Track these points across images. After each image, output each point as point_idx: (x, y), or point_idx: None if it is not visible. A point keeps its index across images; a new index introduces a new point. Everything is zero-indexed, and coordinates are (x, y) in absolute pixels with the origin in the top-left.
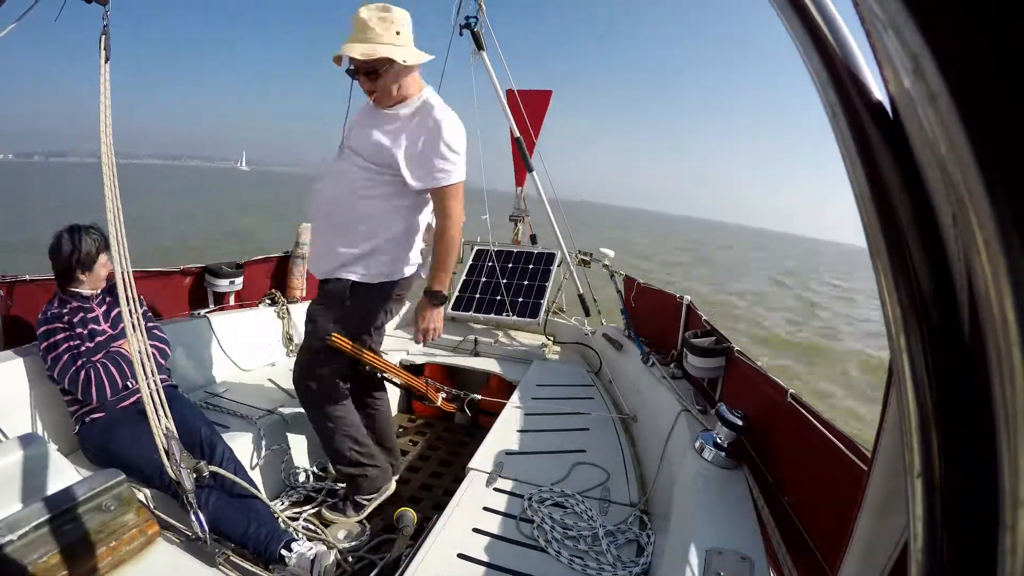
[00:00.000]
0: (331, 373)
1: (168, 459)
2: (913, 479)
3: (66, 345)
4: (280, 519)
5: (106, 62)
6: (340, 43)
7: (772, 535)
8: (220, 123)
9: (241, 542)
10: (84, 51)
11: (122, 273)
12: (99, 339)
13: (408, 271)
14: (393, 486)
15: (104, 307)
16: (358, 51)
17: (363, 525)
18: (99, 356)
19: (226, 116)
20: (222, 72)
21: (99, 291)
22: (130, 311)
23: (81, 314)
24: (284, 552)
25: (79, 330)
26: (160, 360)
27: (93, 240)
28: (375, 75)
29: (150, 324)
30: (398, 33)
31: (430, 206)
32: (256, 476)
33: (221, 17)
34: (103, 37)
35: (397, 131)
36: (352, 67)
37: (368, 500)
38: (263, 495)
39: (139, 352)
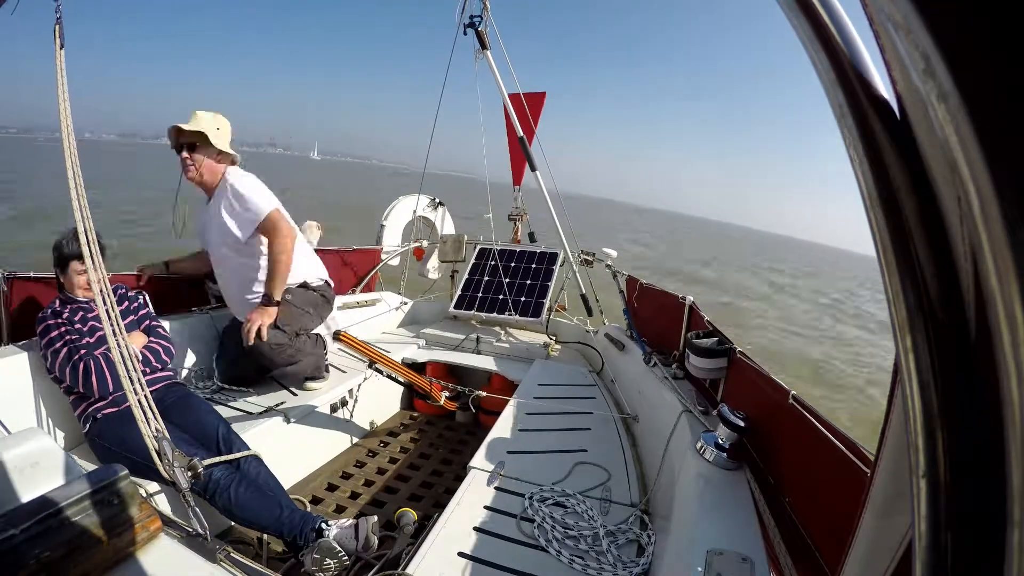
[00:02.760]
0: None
1: (160, 460)
2: (918, 479)
3: (65, 339)
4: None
5: (60, 48)
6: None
7: (773, 536)
8: (298, 113)
9: (276, 528)
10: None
11: (95, 270)
12: (100, 334)
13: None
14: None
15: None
16: (186, 125)
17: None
18: (100, 350)
19: (303, 107)
20: (295, 65)
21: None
22: (107, 311)
23: (81, 313)
24: (323, 526)
25: (78, 326)
26: (165, 358)
27: (66, 247)
28: (193, 148)
29: (153, 323)
30: (218, 128)
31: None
32: None
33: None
34: (57, 26)
35: (220, 213)
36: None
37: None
38: (283, 487)
39: (123, 356)
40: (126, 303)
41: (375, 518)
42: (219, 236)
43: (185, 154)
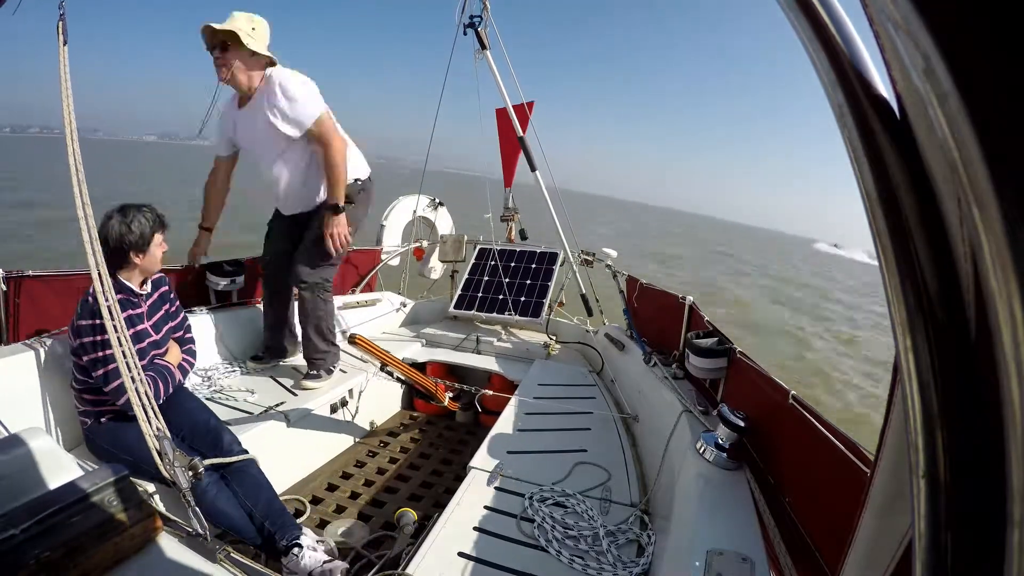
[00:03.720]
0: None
1: (161, 459)
2: (918, 478)
3: (109, 347)
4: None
5: (64, 45)
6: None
7: (773, 536)
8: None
9: (244, 534)
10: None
11: (96, 267)
12: (141, 345)
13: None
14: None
15: (148, 305)
16: (218, 24)
17: (363, 525)
18: (143, 362)
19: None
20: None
21: (147, 289)
22: (109, 309)
23: (128, 309)
24: (292, 546)
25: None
26: (186, 368)
27: (147, 219)
28: (225, 48)
29: (187, 335)
30: (253, 28)
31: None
32: None
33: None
34: (60, 23)
35: (265, 113)
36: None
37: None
38: (271, 485)
39: (123, 356)
40: (167, 305)
41: (342, 571)
42: (265, 137)
43: (217, 53)
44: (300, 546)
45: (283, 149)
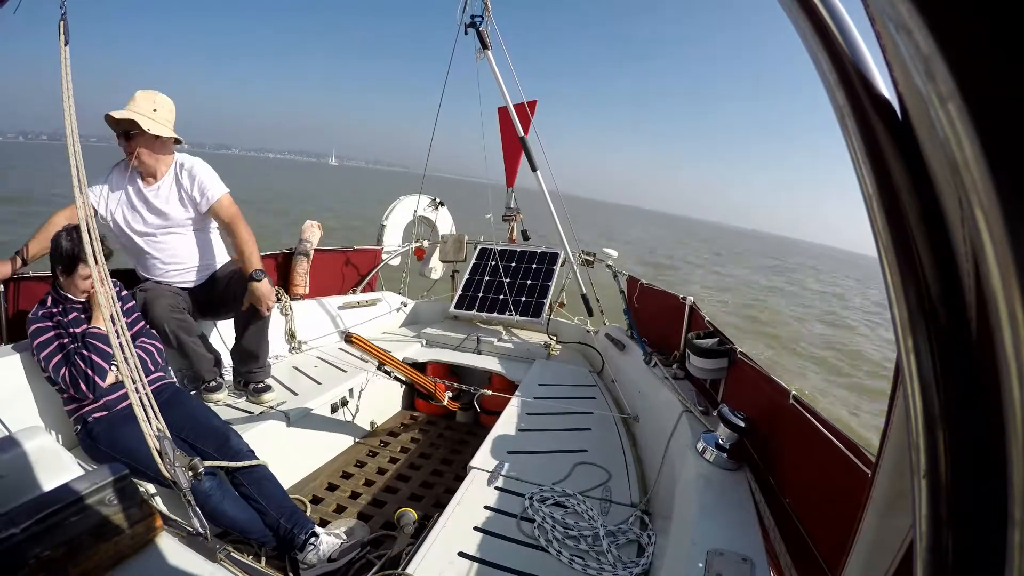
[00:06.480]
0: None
1: (162, 459)
2: (919, 478)
3: (57, 343)
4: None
5: (65, 45)
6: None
7: (773, 536)
8: (314, 121)
9: (252, 535)
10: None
11: (97, 271)
12: (85, 327)
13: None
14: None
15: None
16: (116, 113)
17: (364, 524)
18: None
19: (319, 114)
20: (312, 72)
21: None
22: (112, 317)
23: (74, 313)
24: (310, 536)
25: (71, 329)
26: (159, 359)
27: (75, 244)
28: (128, 136)
29: (145, 325)
30: (155, 110)
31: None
32: None
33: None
34: (61, 23)
35: (170, 193)
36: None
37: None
38: (280, 485)
39: (125, 359)
40: (120, 303)
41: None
42: (174, 215)
43: (122, 143)
44: (316, 535)
45: (187, 224)
